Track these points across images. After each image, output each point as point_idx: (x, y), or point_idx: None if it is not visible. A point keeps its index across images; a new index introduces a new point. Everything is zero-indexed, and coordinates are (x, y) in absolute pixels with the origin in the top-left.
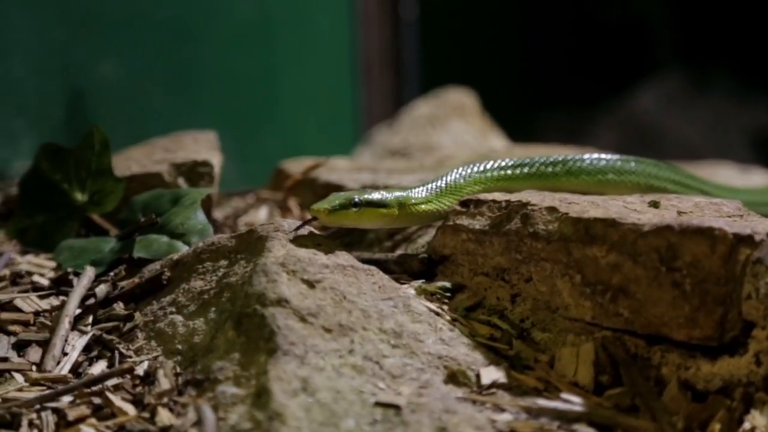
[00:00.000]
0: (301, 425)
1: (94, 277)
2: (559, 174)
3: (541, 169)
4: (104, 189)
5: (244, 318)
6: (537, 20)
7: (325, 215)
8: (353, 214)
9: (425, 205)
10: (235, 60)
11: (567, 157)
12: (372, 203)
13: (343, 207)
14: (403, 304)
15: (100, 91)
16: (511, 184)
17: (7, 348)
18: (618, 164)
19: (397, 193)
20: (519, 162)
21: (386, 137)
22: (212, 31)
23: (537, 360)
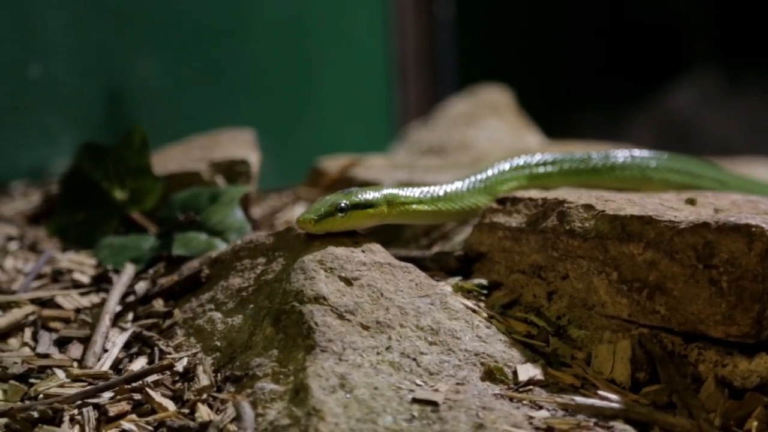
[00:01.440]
0: (339, 422)
1: (134, 274)
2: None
3: (538, 169)
4: (143, 187)
5: (282, 315)
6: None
7: (311, 225)
8: (340, 220)
9: (417, 206)
10: (272, 59)
11: (564, 156)
12: (359, 205)
13: (329, 214)
14: (440, 301)
15: (139, 90)
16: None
17: (49, 344)
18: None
19: (385, 191)
20: (519, 165)
21: (422, 135)
22: (249, 30)
23: (574, 357)
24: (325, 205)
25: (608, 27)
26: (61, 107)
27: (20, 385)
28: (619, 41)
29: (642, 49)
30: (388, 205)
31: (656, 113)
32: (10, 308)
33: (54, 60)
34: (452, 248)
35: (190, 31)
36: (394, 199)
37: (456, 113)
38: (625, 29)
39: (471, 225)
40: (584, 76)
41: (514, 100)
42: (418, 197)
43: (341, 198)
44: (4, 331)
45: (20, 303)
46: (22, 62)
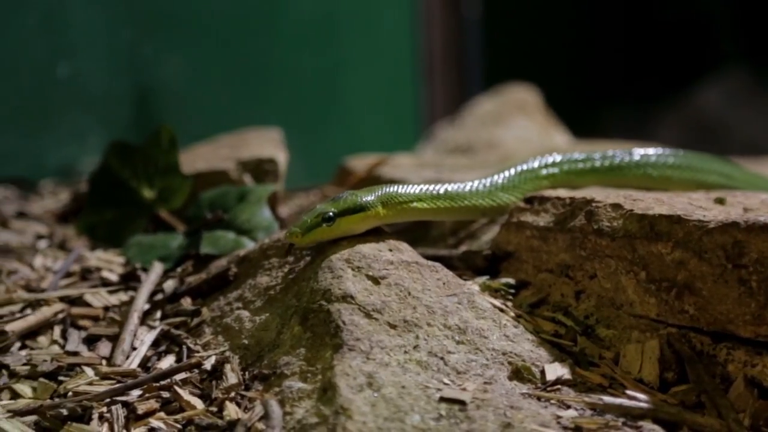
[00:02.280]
0: (367, 420)
1: (162, 272)
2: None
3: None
4: (171, 186)
5: (309, 314)
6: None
7: (298, 239)
8: (327, 229)
9: (416, 203)
10: (299, 58)
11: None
12: (348, 210)
13: (315, 225)
14: (468, 300)
15: (168, 89)
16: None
17: (78, 342)
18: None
19: (379, 192)
20: (529, 168)
21: (449, 134)
22: (277, 30)
23: (602, 356)
24: (312, 215)
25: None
26: (89, 106)
27: (49, 383)
28: (646, 41)
29: (669, 49)
30: (384, 205)
31: (683, 113)
32: (39, 306)
33: (83, 59)
34: (479, 247)
35: (218, 30)
36: (392, 199)
37: (483, 112)
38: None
39: (499, 224)
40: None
41: (541, 99)
42: (417, 195)
43: (329, 207)
44: (33, 329)
45: (49, 301)
46: (50, 62)
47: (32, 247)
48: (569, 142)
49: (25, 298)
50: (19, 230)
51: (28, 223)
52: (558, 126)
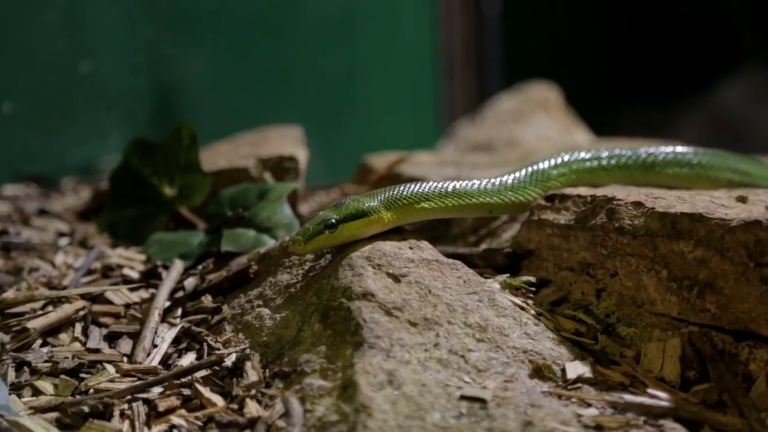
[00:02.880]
0: (388, 418)
1: (183, 270)
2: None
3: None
4: (192, 183)
5: (330, 311)
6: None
7: (301, 247)
8: (330, 236)
9: (424, 203)
10: (319, 56)
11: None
12: (350, 216)
13: (318, 233)
14: (488, 298)
15: (188, 87)
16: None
17: (99, 339)
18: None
19: (382, 195)
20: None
21: (469, 131)
22: (297, 28)
23: (623, 355)
24: (314, 223)
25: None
26: (110, 104)
27: (71, 380)
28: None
29: (691, 46)
30: (389, 209)
31: (705, 111)
32: (61, 304)
33: (104, 57)
34: (500, 245)
35: (238, 28)
36: (396, 202)
37: (503, 110)
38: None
39: (519, 222)
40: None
41: (562, 97)
42: (423, 194)
43: (331, 213)
44: (55, 326)
45: (71, 298)
46: (72, 60)
47: (54, 245)
48: (590, 140)
49: (47, 296)
50: (41, 228)
51: (49, 220)
52: (579, 124)
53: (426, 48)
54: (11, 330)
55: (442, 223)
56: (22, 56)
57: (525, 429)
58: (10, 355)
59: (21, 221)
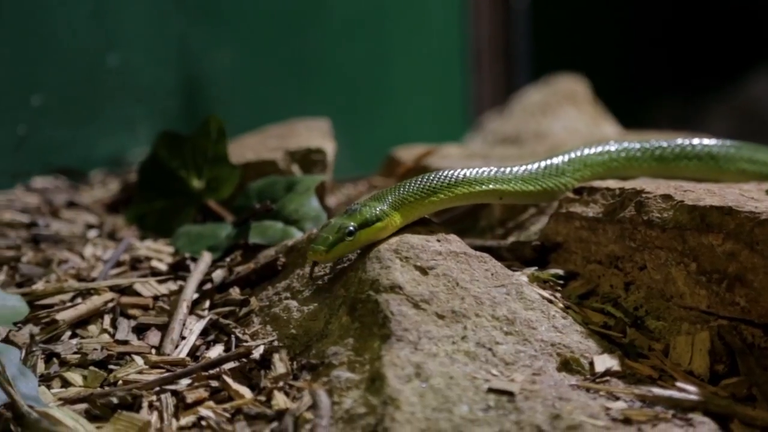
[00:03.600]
0: (415, 410)
1: (211, 262)
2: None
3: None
4: (220, 176)
5: (357, 304)
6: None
7: (323, 256)
8: (349, 243)
9: (432, 197)
10: (348, 48)
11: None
12: (366, 223)
13: (339, 240)
14: (516, 291)
15: (217, 79)
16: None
17: (128, 331)
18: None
19: (390, 197)
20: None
21: (497, 124)
22: (326, 21)
23: (651, 348)
24: (332, 232)
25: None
26: (139, 97)
27: (100, 371)
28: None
29: (721, 38)
30: (398, 209)
31: (734, 103)
32: (89, 295)
33: (132, 50)
34: (528, 238)
35: (266, 21)
36: (405, 201)
37: (531, 103)
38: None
39: (547, 214)
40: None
41: (590, 89)
42: (432, 188)
43: (347, 221)
44: (84, 318)
45: (99, 290)
46: (100, 52)
47: (82, 237)
48: (618, 132)
49: (76, 288)
50: (70, 220)
51: (78, 212)
52: (607, 117)
53: (454, 41)
54: (41, 322)
55: (470, 215)
56: (52, 49)
57: (553, 422)
58: (40, 346)
59: (50, 213)
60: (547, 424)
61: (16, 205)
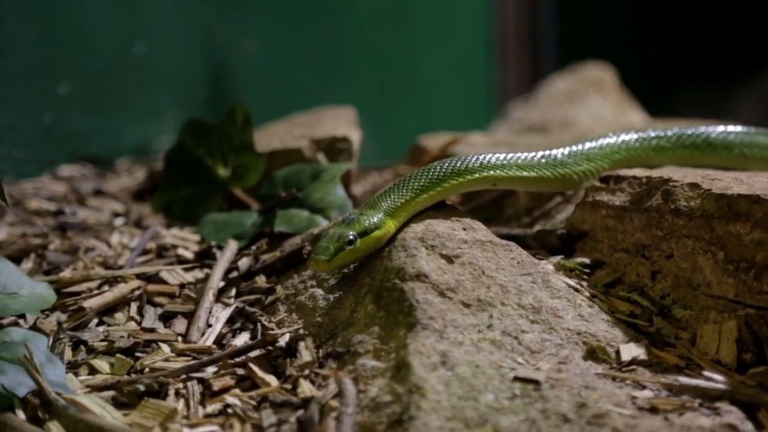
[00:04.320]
0: (441, 399)
1: (237, 250)
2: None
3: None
4: (246, 164)
5: (383, 292)
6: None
7: (325, 266)
8: (350, 252)
9: (421, 197)
10: (373, 37)
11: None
12: (366, 232)
13: (340, 250)
14: (542, 279)
15: (243, 68)
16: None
17: (154, 319)
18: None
19: (384, 205)
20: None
21: (523, 112)
22: (351, 9)
23: (678, 337)
24: (332, 241)
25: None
26: (165, 85)
27: (126, 359)
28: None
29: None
30: (392, 216)
31: (763, 92)
32: (116, 283)
33: (159, 38)
34: (554, 226)
35: (293, 9)
36: (395, 205)
37: (557, 91)
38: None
39: (573, 203)
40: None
41: (616, 77)
42: (419, 186)
43: (346, 230)
44: (110, 306)
45: (126, 278)
46: (127, 41)
47: (109, 225)
48: (645, 120)
49: (103, 275)
50: (97, 208)
51: (104, 200)
52: (633, 105)
53: (480, 28)
54: (68, 309)
55: (495, 204)
56: (79, 38)
57: (579, 411)
58: (67, 333)
59: (77, 201)
60: (573, 412)
61: (43, 193)
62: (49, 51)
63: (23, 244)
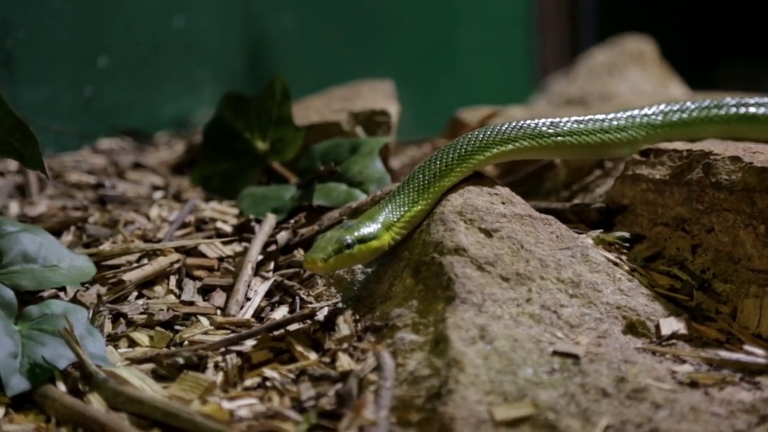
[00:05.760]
0: (479, 373)
1: (275, 224)
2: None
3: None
4: (284, 137)
5: (422, 266)
6: None
7: (321, 264)
8: (347, 256)
9: (416, 207)
10: (412, 10)
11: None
12: (363, 240)
13: (337, 252)
14: (581, 253)
15: (281, 41)
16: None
17: (193, 292)
18: None
19: (381, 216)
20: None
21: (562, 85)
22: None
23: (718, 311)
24: (330, 242)
25: None
26: (204, 58)
27: (166, 332)
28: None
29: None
30: (389, 229)
31: None
32: (155, 256)
33: (198, 11)
34: (593, 200)
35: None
36: (391, 217)
37: (597, 63)
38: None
39: (613, 177)
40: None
41: (657, 50)
42: (418, 197)
43: (344, 234)
44: (150, 279)
45: (165, 251)
46: (165, 14)
47: (148, 198)
48: (685, 93)
49: (142, 248)
50: (136, 181)
51: (144, 174)
52: (674, 77)
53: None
54: (107, 282)
55: (535, 177)
56: (118, 11)
57: (618, 385)
58: (107, 306)
59: (116, 174)
60: (612, 386)
61: (83, 167)
62: (88, 24)
63: (63, 217)
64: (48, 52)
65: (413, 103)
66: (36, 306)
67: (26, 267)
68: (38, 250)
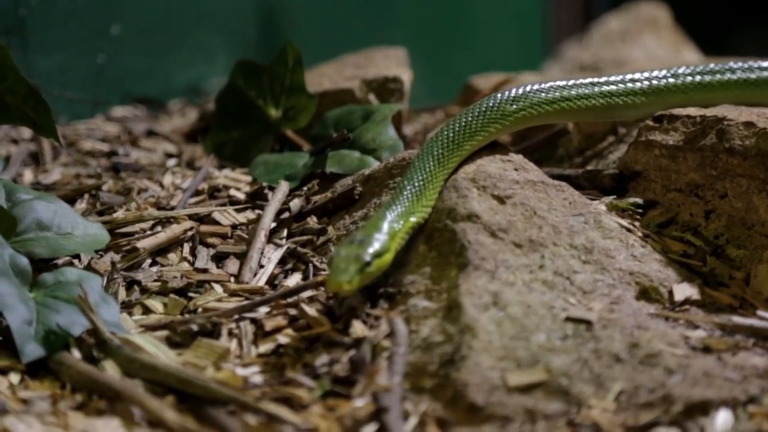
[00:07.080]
0: (492, 339)
1: (288, 191)
2: None
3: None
4: (297, 105)
5: (435, 233)
6: None
7: (347, 288)
8: (367, 274)
9: (415, 217)
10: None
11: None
12: (378, 254)
13: (359, 271)
14: (594, 220)
15: (294, 8)
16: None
17: (207, 259)
18: None
19: (385, 227)
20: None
21: (576, 52)
22: None
23: (732, 277)
24: (350, 263)
25: None
26: (217, 26)
27: (180, 299)
28: None
29: None
30: (394, 238)
31: None
32: (169, 224)
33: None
34: (606, 166)
35: None
36: (395, 227)
37: (611, 30)
38: None
39: (626, 143)
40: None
41: (671, 16)
42: (410, 209)
43: (361, 250)
44: (163, 246)
45: (179, 218)
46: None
47: (162, 166)
48: (699, 59)
49: (156, 216)
50: (149, 149)
51: (157, 141)
52: (688, 44)
53: None
54: (121, 249)
55: (548, 143)
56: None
57: (631, 351)
58: (121, 274)
59: (130, 142)
60: (625, 352)
61: (97, 134)
62: None
63: (77, 184)
64: (61, 19)
65: (426, 70)
66: (50, 273)
67: (40, 235)
68: (52, 218)
